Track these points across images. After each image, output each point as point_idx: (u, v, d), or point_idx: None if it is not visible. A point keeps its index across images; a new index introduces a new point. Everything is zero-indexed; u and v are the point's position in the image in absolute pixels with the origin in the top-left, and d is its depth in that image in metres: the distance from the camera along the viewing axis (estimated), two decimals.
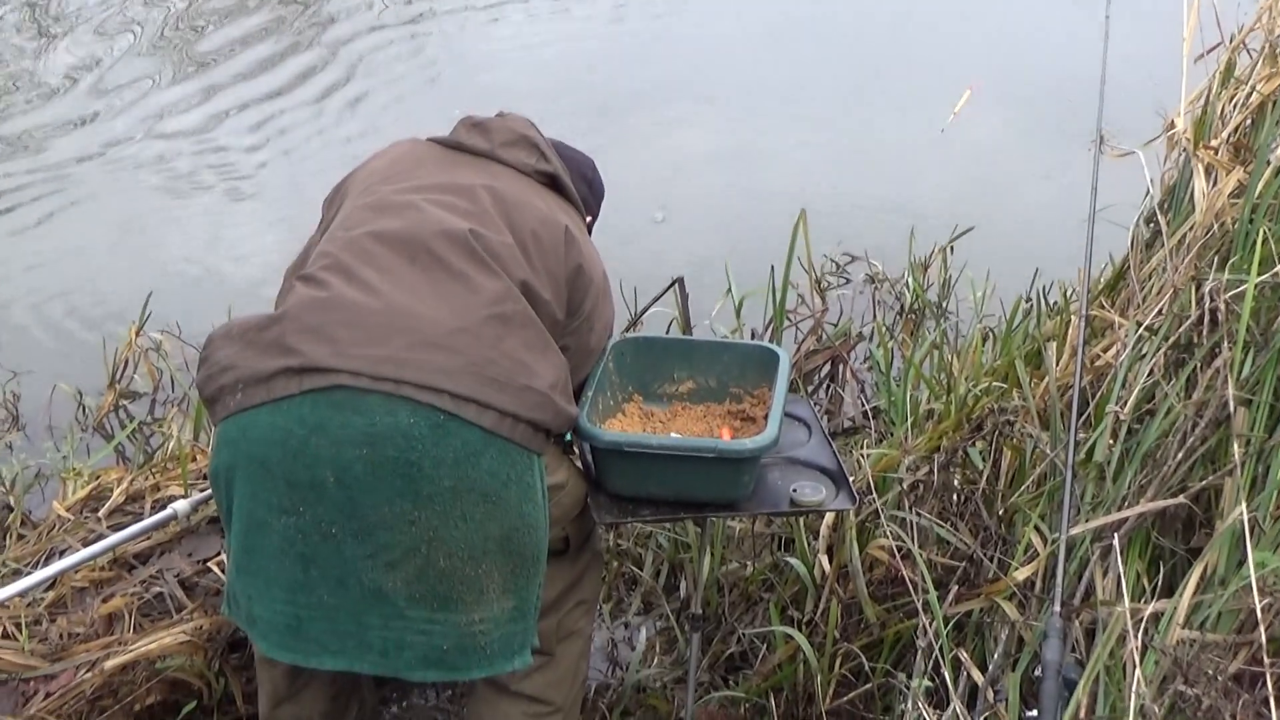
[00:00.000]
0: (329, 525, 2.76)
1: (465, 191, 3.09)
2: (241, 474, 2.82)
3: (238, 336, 2.86)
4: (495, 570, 2.85)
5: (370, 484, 2.72)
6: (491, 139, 3.27)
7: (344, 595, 2.81)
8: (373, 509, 2.74)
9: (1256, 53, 3.96)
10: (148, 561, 4.10)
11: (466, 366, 2.76)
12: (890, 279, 6.10)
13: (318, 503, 2.75)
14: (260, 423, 2.77)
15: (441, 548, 2.78)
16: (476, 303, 2.85)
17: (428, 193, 3.08)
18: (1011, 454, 3.76)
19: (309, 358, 2.73)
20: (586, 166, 3.56)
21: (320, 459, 2.73)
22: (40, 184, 7.51)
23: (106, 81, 8.98)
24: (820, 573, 3.79)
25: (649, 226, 6.78)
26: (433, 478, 2.73)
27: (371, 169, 3.25)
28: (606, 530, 4.20)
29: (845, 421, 5.02)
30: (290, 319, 2.80)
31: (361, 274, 2.86)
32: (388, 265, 2.89)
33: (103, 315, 6.10)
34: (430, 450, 2.72)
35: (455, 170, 3.19)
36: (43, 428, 5.37)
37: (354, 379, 2.71)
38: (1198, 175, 3.62)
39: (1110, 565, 3.07)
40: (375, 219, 3.00)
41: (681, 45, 9.47)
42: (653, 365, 3.54)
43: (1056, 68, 7.99)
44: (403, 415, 2.71)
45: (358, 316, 2.78)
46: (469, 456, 2.75)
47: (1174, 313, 3.33)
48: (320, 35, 9.76)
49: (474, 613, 2.86)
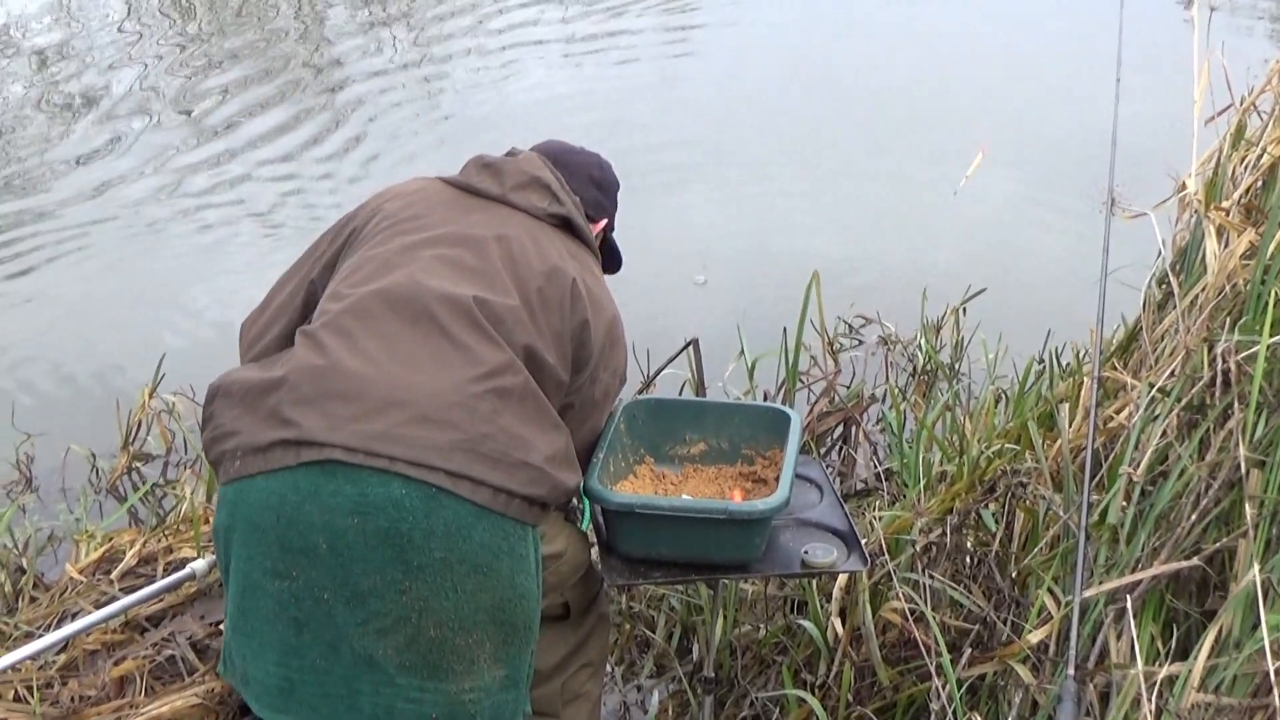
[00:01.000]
0: (321, 591, 2.76)
1: (474, 245, 3.09)
2: (238, 536, 2.83)
3: (239, 398, 2.87)
4: (486, 640, 2.85)
5: (362, 552, 2.73)
6: (503, 181, 3.27)
7: (335, 660, 2.81)
8: (364, 577, 2.74)
9: (1267, 115, 3.97)
10: (160, 624, 4.09)
11: (461, 443, 2.76)
12: (903, 340, 6.10)
13: (311, 568, 2.76)
14: (256, 488, 2.78)
15: (432, 617, 2.77)
16: (475, 375, 2.85)
17: (437, 246, 3.08)
18: (1024, 516, 3.75)
19: (305, 431, 2.74)
20: (593, 166, 3.52)
21: (313, 525, 2.73)
22: (54, 244, 7.56)
23: (125, 142, 9.08)
24: (833, 635, 3.78)
25: (669, 287, 6.79)
26: (423, 549, 2.73)
27: (384, 212, 3.24)
28: (619, 592, 4.19)
29: (858, 483, 5.01)
30: (289, 387, 2.81)
31: (362, 340, 2.87)
32: (389, 331, 2.89)
33: (116, 376, 6.11)
34: (421, 522, 2.72)
35: (466, 216, 3.19)
36: (56, 489, 5.38)
37: (348, 454, 2.72)
38: (1209, 236, 3.62)
39: (1124, 628, 3.06)
40: (380, 276, 3.01)
41: (695, 104, 9.54)
42: (664, 427, 3.54)
43: (1069, 130, 8.03)
44: (395, 487, 2.72)
45: (355, 388, 2.79)
46: (460, 529, 2.75)
47: (1186, 374, 3.32)
48: (333, 98, 9.86)
49: (464, 681, 2.85)
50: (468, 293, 2.95)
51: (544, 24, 11.76)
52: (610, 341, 3.21)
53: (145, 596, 3.71)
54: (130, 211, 7.99)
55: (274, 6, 12.53)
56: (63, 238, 7.66)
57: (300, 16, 12.14)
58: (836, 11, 11.85)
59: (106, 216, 7.93)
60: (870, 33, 11.01)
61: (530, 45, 11.08)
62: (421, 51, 11.02)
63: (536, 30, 11.50)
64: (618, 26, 11.65)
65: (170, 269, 7.23)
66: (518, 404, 2.87)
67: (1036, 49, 10.37)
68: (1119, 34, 4.29)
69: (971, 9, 11.57)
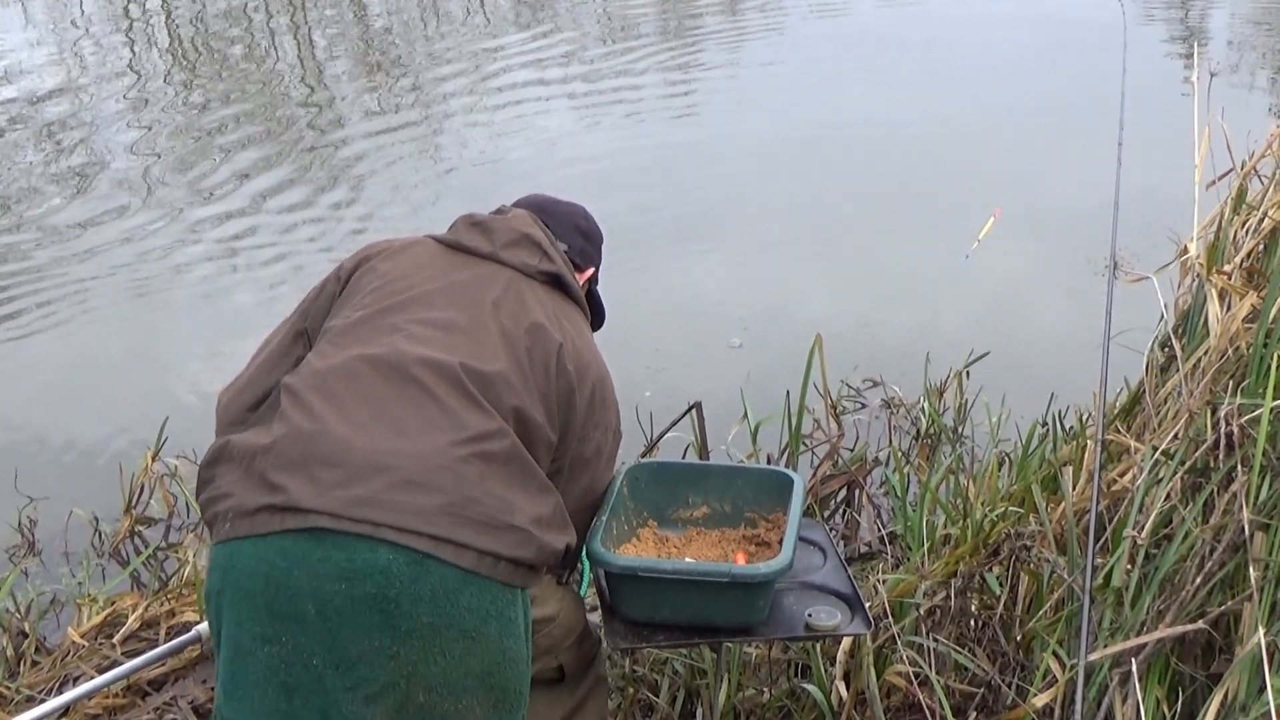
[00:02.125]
0: (310, 656, 2.75)
1: (464, 305, 3.11)
2: (229, 600, 2.82)
3: (233, 459, 2.88)
4: (476, 705, 2.83)
5: (349, 617, 2.71)
6: (494, 240, 3.28)
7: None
8: (352, 642, 2.73)
9: (1267, 179, 3.98)
10: (162, 688, 4.09)
11: (446, 507, 2.75)
12: (906, 404, 6.11)
13: (300, 633, 2.74)
14: (245, 553, 2.77)
15: (421, 683, 2.76)
16: (461, 439, 2.84)
17: (427, 308, 3.09)
18: (1029, 579, 3.74)
19: (290, 497, 2.74)
20: (579, 216, 3.55)
21: (301, 591, 2.72)
22: (56, 306, 7.59)
23: (126, 202, 9.14)
24: (837, 699, 3.76)
25: (673, 351, 6.80)
26: (411, 614, 2.72)
27: (375, 271, 3.24)
28: (622, 656, 4.18)
29: (861, 546, 5.00)
30: (276, 453, 2.81)
31: (349, 404, 2.87)
32: (376, 395, 2.89)
33: (119, 439, 6.11)
34: (408, 587, 2.71)
35: (456, 274, 3.20)
36: (59, 553, 5.37)
37: (333, 520, 2.72)
38: (1211, 300, 3.63)
39: (1129, 692, 3.04)
40: (369, 340, 3.01)
41: (701, 165, 9.59)
42: (667, 490, 3.53)
43: (1072, 195, 8.06)
44: (382, 553, 2.71)
45: (341, 453, 2.79)
46: (448, 594, 2.74)
47: (1190, 437, 3.32)
48: (333, 155, 9.95)
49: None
50: (454, 359, 2.95)
51: (548, 82, 11.89)
52: (599, 399, 3.20)
53: (148, 660, 3.70)
54: (132, 273, 8.03)
55: (276, 67, 12.64)
56: (64, 299, 7.69)
57: (305, 80, 12.23)
58: (840, 72, 11.94)
59: (108, 277, 7.97)
60: (873, 97, 11.09)
61: (535, 101, 11.20)
62: (423, 111, 11.12)
63: (541, 88, 11.63)
64: (621, 84, 11.76)
65: (172, 331, 7.26)
66: (503, 467, 2.87)
67: (1040, 115, 10.43)
68: (1121, 100, 4.32)
69: (974, 76, 11.65)
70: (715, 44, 13.36)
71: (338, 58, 13.15)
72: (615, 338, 3.72)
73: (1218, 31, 13.69)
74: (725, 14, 14.95)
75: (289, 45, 14.03)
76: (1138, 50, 6.09)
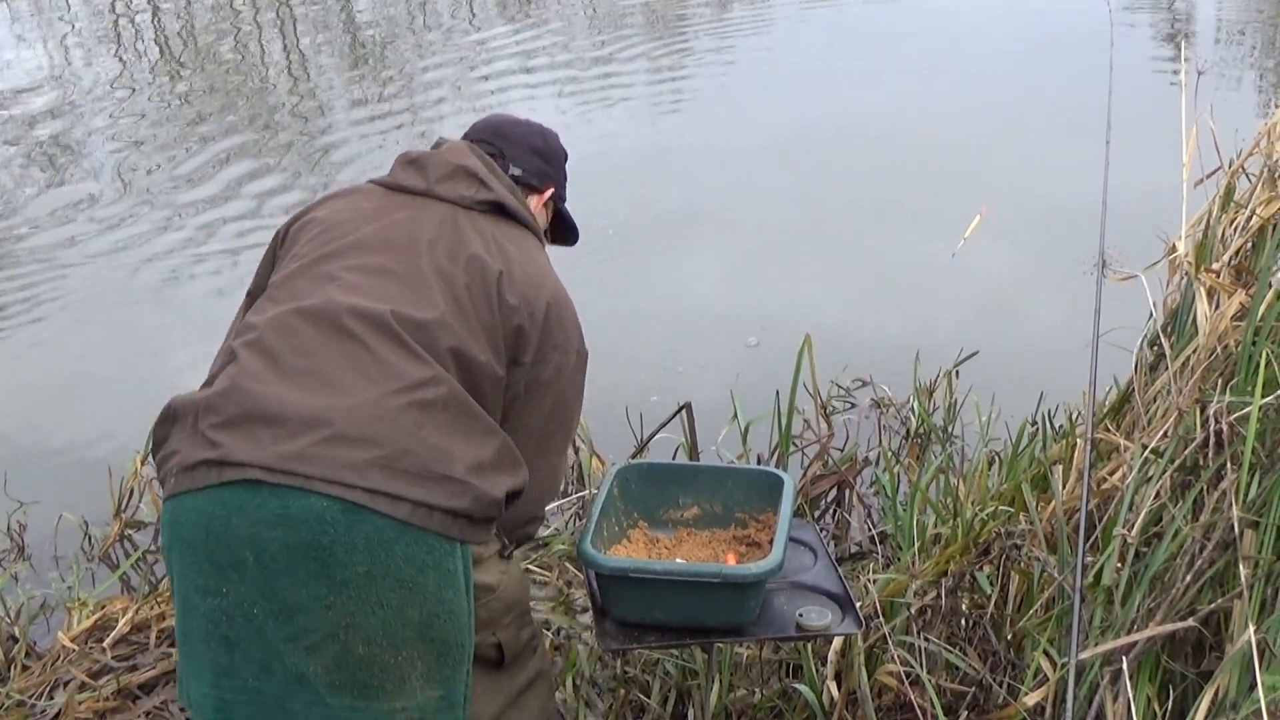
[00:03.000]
0: (250, 606, 2.76)
1: (400, 247, 3.08)
2: (176, 555, 2.85)
3: (179, 419, 2.90)
4: (417, 658, 2.83)
5: (287, 565, 2.73)
6: (428, 175, 3.24)
7: (268, 680, 2.80)
8: (290, 591, 2.74)
9: (1255, 177, 3.99)
10: (152, 691, 4.08)
11: (378, 460, 2.75)
12: (896, 404, 6.11)
13: (240, 583, 2.76)
14: (187, 507, 2.79)
15: (359, 634, 2.77)
16: (395, 389, 2.84)
17: (361, 254, 3.07)
18: (1019, 578, 3.74)
19: (226, 452, 2.76)
20: (535, 136, 3.49)
21: (240, 539, 2.74)
22: (44, 310, 7.60)
23: (114, 207, 9.12)
24: (829, 699, 3.76)
25: (662, 352, 6.81)
26: (346, 563, 2.73)
27: (314, 221, 3.23)
28: (613, 657, 4.17)
29: (852, 546, 5.01)
30: (215, 410, 2.83)
31: (284, 358, 2.88)
32: (311, 348, 2.89)
33: (108, 443, 6.10)
34: (343, 535, 2.72)
35: (393, 216, 3.16)
36: (48, 557, 5.36)
37: (267, 474, 2.73)
38: (1200, 298, 3.64)
39: (1120, 690, 3.05)
40: (305, 293, 3.00)
41: (688, 167, 9.59)
42: (658, 491, 3.54)
43: (1060, 194, 8.07)
44: (315, 500, 2.72)
45: (276, 411, 2.79)
46: (382, 544, 2.75)
47: (1179, 435, 3.32)
48: (325, 159, 9.91)
49: (395, 700, 2.84)
50: (386, 307, 2.93)
51: (536, 72, 11.90)
52: (554, 320, 3.15)
53: None
54: (120, 276, 8.02)
55: (262, 69, 12.63)
56: (51, 302, 7.68)
57: (295, 90, 12.22)
58: (827, 70, 11.95)
59: (96, 281, 7.97)
60: (862, 94, 11.10)
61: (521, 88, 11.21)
62: (413, 115, 11.11)
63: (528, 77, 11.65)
64: (608, 80, 11.78)
65: (161, 333, 7.24)
66: (442, 414, 2.86)
67: (1027, 114, 10.44)
68: (1108, 98, 4.32)
69: (961, 74, 11.66)
70: (703, 40, 13.37)
71: (321, 50, 13.13)
72: (609, 338, 3.71)
73: (1205, 30, 13.71)
74: (713, 8, 14.97)
75: (274, 38, 14.02)
76: (1125, 49, 6.10)
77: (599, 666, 4.21)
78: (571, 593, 4.63)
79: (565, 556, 4.86)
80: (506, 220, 3.25)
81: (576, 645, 4.26)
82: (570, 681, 4.12)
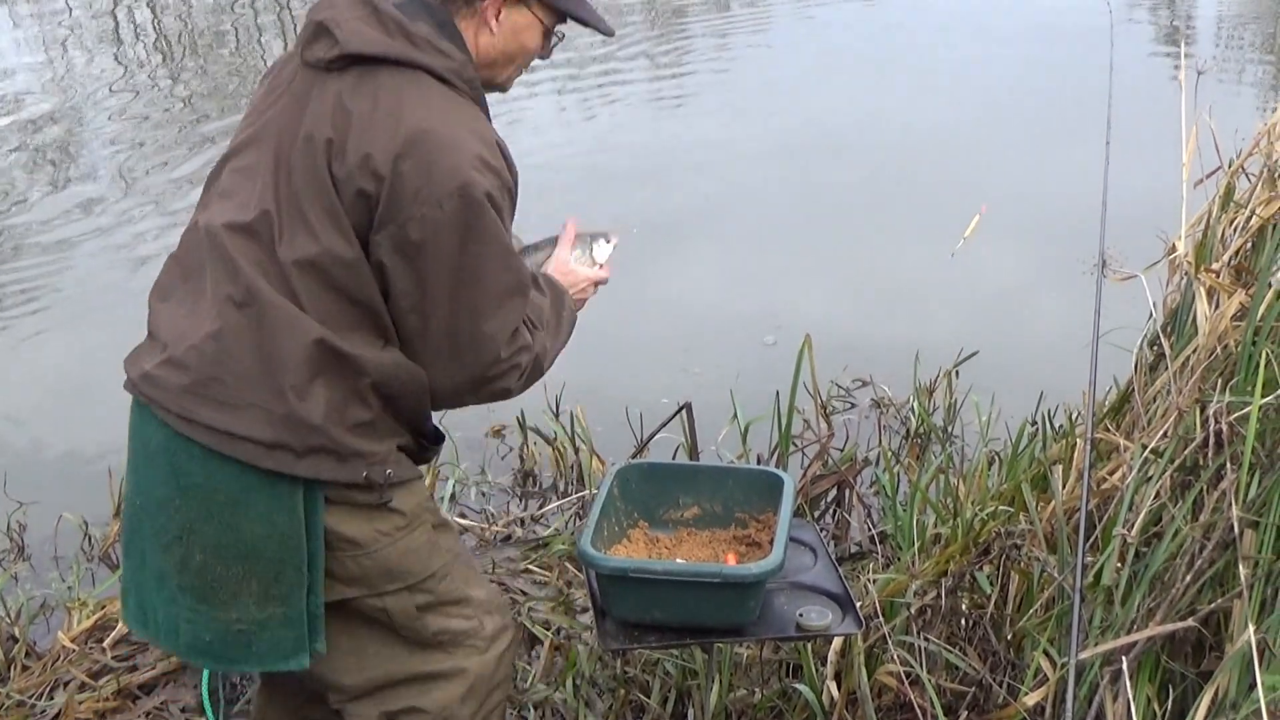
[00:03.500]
0: (135, 498, 2.96)
1: (260, 145, 2.90)
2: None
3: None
4: (252, 578, 2.86)
5: (154, 463, 2.89)
6: (300, 43, 2.94)
7: (144, 573, 2.96)
8: (154, 487, 2.89)
9: (1255, 177, 3.99)
10: (152, 692, 4.08)
11: (189, 387, 2.81)
12: (896, 403, 6.12)
13: (132, 476, 2.99)
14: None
15: (198, 541, 2.85)
16: (215, 312, 2.82)
17: (238, 156, 2.96)
18: (1019, 578, 3.74)
19: (127, 363, 2.97)
20: None
21: (134, 438, 2.96)
22: (44, 311, 7.60)
23: (123, 205, 9.12)
24: (829, 699, 3.76)
25: (664, 352, 6.81)
26: (186, 471, 2.83)
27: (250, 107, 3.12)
28: (613, 657, 4.17)
29: (852, 546, 5.01)
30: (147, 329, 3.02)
31: (167, 277, 3.04)
32: (184, 265, 2.98)
33: (108, 443, 6.08)
34: (182, 447, 2.82)
35: (270, 102, 2.96)
36: (49, 557, 5.36)
37: (133, 389, 2.92)
38: (1200, 298, 3.63)
39: (1120, 690, 3.05)
40: (201, 202, 3.03)
41: (689, 165, 9.58)
42: (657, 491, 3.53)
43: (1061, 194, 8.06)
44: (154, 420, 2.87)
45: (152, 327, 2.97)
46: (209, 458, 2.81)
47: (1179, 435, 3.32)
48: None
49: (230, 612, 2.89)
50: (221, 221, 2.86)
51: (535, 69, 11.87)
52: (410, 168, 2.75)
53: None
54: (120, 276, 8.02)
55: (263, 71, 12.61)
56: (50, 302, 7.69)
57: None
58: (828, 69, 11.94)
59: (96, 281, 7.97)
60: (860, 94, 11.09)
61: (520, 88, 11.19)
62: None
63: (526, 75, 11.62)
64: (609, 83, 11.76)
65: None
66: (258, 333, 2.78)
67: (1028, 114, 10.44)
68: (1108, 98, 4.32)
69: (961, 74, 11.66)
70: (701, 42, 13.36)
71: None
72: (609, 339, 3.70)
73: (1205, 30, 13.72)
74: (714, 7, 14.97)
75: (274, 40, 14.01)
76: (1126, 48, 6.10)
77: (599, 666, 4.22)
78: (571, 593, 4.63)
79: (565, 556, 4.87)
80: (375, 68, 2.84)
81: (576, 645, 4.27)
82: (570, 681, 4.12)
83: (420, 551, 3.02)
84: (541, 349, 2.99)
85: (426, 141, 2.77)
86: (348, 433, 2.82)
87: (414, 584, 3.02)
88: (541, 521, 5.40)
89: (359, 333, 2.82)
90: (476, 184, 2.77)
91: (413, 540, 3.00)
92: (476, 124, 2.90)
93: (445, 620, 3.07)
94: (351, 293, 2.80)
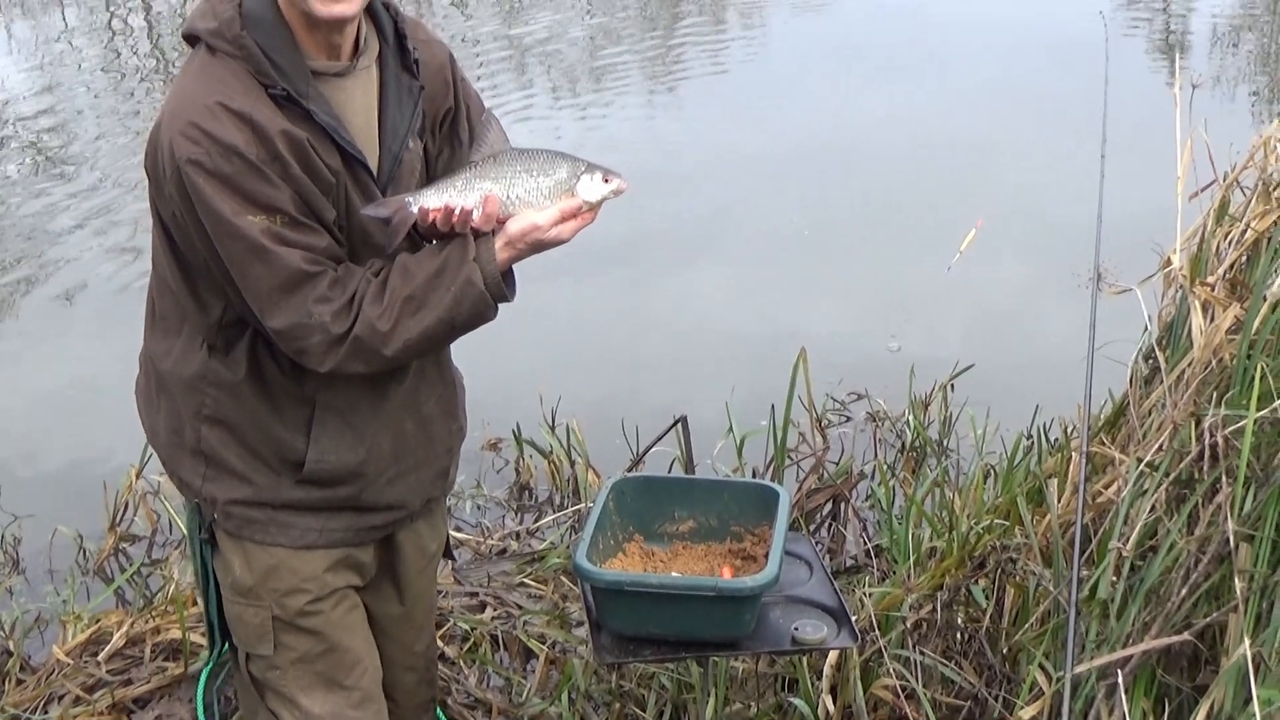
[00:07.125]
0: None
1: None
2: None
3: None
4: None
5: None
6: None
7: None
8: None
9: (1250, 190, 3.99)
10: (147, 706, 4.07)
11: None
12: (891, 417, 6.11)
13: None
14: None
15: None
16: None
17: None
18: (1014, 592, 3.74)
19: None
20: None
21: None
22: (37, 323, 7.59)
23: (109, 219, 9.10)
24: (825, 713, 3.76)
25: (660, 365, 6.81)
26: None
27: None
28: (608, 671, 4.17)
29: (847, 560, 5.01)
30: None
31: None
32: None
33: (103, 457, 6.08)
34: None
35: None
36: (43, 571, 5.36)
37: None
38: (1195, 312, 3.64)
39: (1116, 704, 3.04)
40: None
41: (682, 179, 9.57)
42: (653, 505, 3.52)
43: (1056, 208, 8.07)
44: None
45: None
46: None
47: (1174, 449, 3.32)
48: None
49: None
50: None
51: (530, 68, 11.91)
52: (162, 153, 2.69)
53: None
54: (118, 288, 8.01)
55: None
56: (48, 314, 7.68)
57: None
58: (822, 81, 11.94)
59: (93, 294, 7.96)
60: (856, 106, 11.10)
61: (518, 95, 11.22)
62: None
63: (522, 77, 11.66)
64: (607, 88, 11.78)
65: None
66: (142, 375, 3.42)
67: (1023, 127, 10.44)
68: (1103, 112, 4.33)
69: (957, 88, 11.66)
70: (697, 50, 13.37)
71: None
72: (605, 353, 3.70)
73: (1200, 42, 13.71)
74: (708, 18, 14.99)
75: None
76: (1121, 61, 6.11)
77: (594, 680, 4.21)
78: (567, 606, 4.63)
79: (561, 570, 4.87)
80: (192, 49, 2.79)
81: (572, 659, 4.26)
82: (566, 695, 4.11)
83: (243, 575, 3.07)
84: (366, 328, 2.72)
85: (165, 123, 2.68)
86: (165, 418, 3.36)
87: (249, 599, 3.08)
88: (537, 535, 5.40)
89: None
90: (184, 153, 2.63)
91: (254, 560, 3.06)
92: (211, 88, 2.66)
93: (278, 703, 3.12)
94: (196, 285, 3.03)
